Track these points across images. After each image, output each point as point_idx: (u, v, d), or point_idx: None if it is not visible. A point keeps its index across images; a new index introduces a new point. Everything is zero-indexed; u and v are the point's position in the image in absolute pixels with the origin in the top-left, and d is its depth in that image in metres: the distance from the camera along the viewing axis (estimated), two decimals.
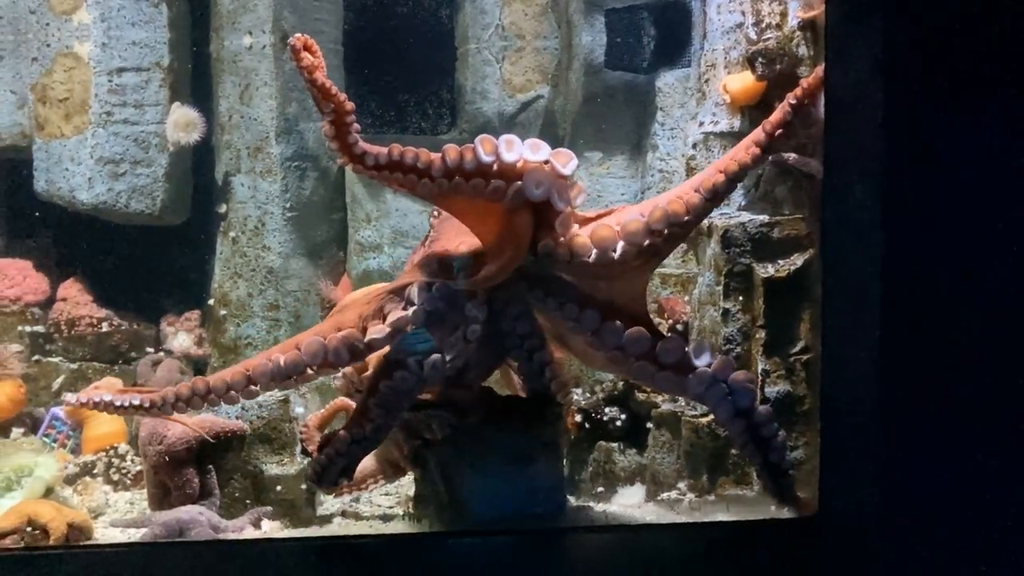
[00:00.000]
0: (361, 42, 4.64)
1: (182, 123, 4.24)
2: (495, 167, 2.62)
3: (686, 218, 2.75)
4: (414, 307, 2.78)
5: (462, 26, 4.63)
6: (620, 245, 2.71)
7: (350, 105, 2.86)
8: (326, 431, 3.45)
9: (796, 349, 3.45)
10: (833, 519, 3.00)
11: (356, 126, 2.89)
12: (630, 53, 4.46)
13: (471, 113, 4.60)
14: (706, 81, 3.80)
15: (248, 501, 3.39)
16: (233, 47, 4.40)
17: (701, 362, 2.80)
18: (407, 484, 3.48)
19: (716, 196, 2.83)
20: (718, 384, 2.80)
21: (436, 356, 2.84)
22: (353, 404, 3.46)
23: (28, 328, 4.19)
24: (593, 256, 2.70)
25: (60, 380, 4.16)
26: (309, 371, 2.68)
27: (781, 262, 3.47)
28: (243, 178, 4.47)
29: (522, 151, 2.65)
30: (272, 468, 3.39)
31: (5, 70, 4.25)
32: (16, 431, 3.92)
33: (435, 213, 3.19)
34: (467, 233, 2.85)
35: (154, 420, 3.47)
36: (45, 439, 3.98)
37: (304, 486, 3.43)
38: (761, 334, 3.44)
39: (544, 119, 4.58)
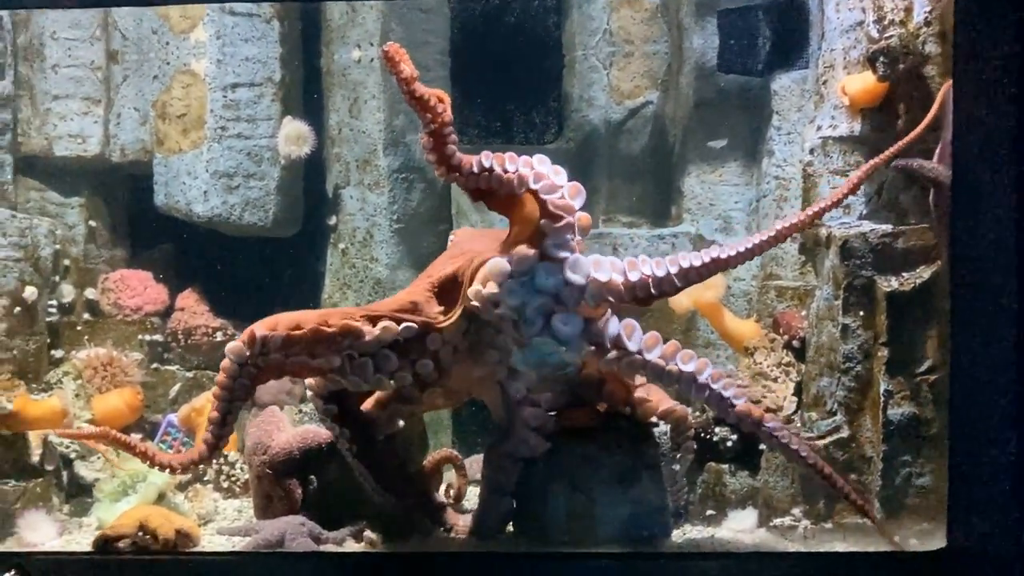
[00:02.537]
0: (468, 53, 4.61)
1: (293, 137, 4.31)
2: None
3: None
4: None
5: (569, 33, 4.54)
6: None
7: (448, 116, 2.84)
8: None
9: (922, 368, 3.22)
10: (962, 553, 2.80)
11: (453, 137, 2.86)
12: (744, 55, 4.27)
13: (577, 121, 4.51)
14: (824, 83, 3.60)
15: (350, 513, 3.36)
16: (342, 60, 4.45)
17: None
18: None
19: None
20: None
21: None
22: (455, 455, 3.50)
23: (147, 337, 4.33)
24: None
25: (176, 388, 4.28)
26: None
27: (906, 275, 3.25)
28: (352, 190, 4.51)
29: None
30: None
31: (129, 88, 4.42)
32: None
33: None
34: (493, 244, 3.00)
35: (259, 430, 3.52)
36: (161, 445, 4.10)
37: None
38: (884, 352, 3.23)
39: (653, 125, 4.45)
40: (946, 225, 2.96)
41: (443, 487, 3.54)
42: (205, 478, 3.92)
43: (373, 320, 2.91)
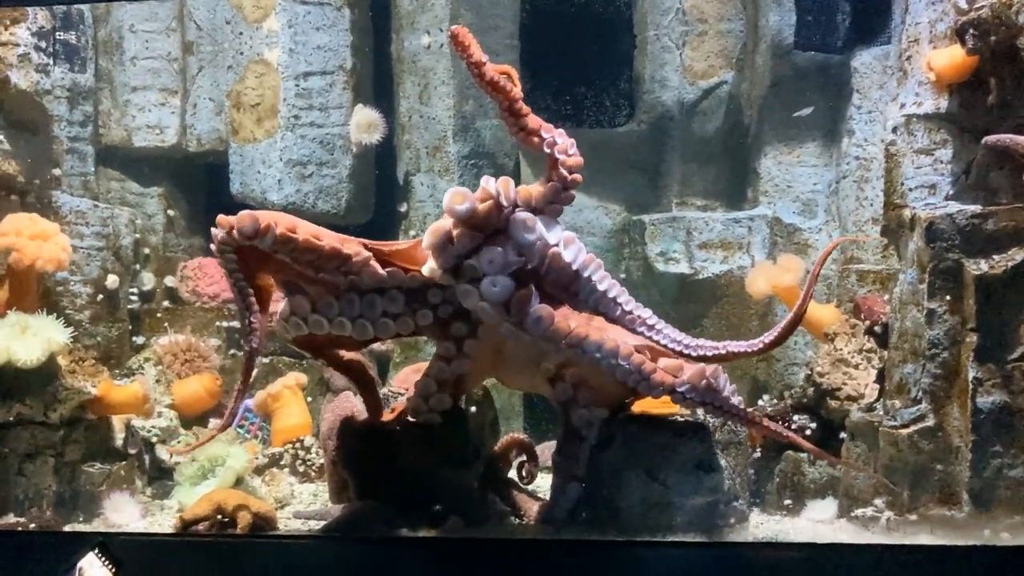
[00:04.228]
0: (537, 36, 4.57)
1: (364, 124, 4.33)
2: None
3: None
4: None
5: (640, 13, 4.46)
6: None
7: (518, 92, 2.90)
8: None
9: (1015, 355, 3.08)
10: None
11: (526, 109, 3.00)
12: (822, 32, 4.14)
13: (649, 103, 4.43)
14: (908, 58, 3.46)
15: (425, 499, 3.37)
16: (412, 47, 4.44)
17: None
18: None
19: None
20: None
21: None
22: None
23: (225, 324, 4.42)
24: None
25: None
26: None
27: (996, 257, 3.11)
28: (422, 177, 4.51)
29: None
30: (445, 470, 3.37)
31: (205, 79, 4.49)
32: (214, 421, 4.14)
33: None
34: None
35: (333, 415, 3.55)
36: (239, 430, 4.17)
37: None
38: (972, 338, 3.10)
39: (728, 106, 4.34)
40: None
41: (514, 470, 3.52)
42: (282, 463, 3.97)
43: (380, 260, 2.92)
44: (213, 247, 2.83)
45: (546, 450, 4.12)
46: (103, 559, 2.60)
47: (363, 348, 3.43)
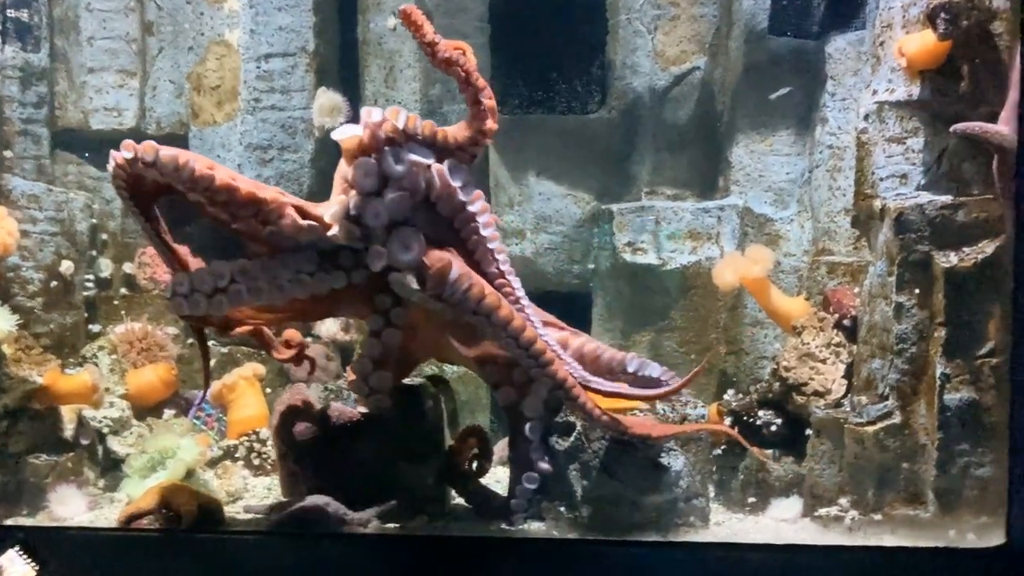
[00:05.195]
0: (508, 19, 4.45)
1: (327, 108, 4.21)
2: None
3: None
4: None
5: None
6: None
7: (473, 64, 2.86)
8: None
9: (983, 351, 2.99)
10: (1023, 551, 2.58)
11: (484, 82, 2.97)
12: (797, 16, 4.02)
13: (620, 89, 4.31)
14: (881, 44, 3.35)
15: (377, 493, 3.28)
16: (378, 29, 4.33)
17: None
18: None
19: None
20: None
21: None
22: None
23: None
24: None
25: (212, 363, 4.24)
26: None
27: (967, 250, 3.02)
28: None
29: None
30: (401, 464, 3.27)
31: (165, 61, 4.37)
32: (168, 412, 4.04)
33: None
34: None
35: (286, 407, 3.45)
36: (196, 421, 4.07)
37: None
38: (941, 332, 3.01)
39: (700, 92, 4.23)
40: (1011, 195, 2.72)
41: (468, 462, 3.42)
42: (237, 455, 3.87)
43: (300, 212, 2.83)
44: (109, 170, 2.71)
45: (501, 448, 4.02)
46: (25, 556, 2.50)
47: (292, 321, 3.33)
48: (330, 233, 2.79)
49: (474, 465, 3.40)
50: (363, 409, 3.25)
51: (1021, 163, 2.58)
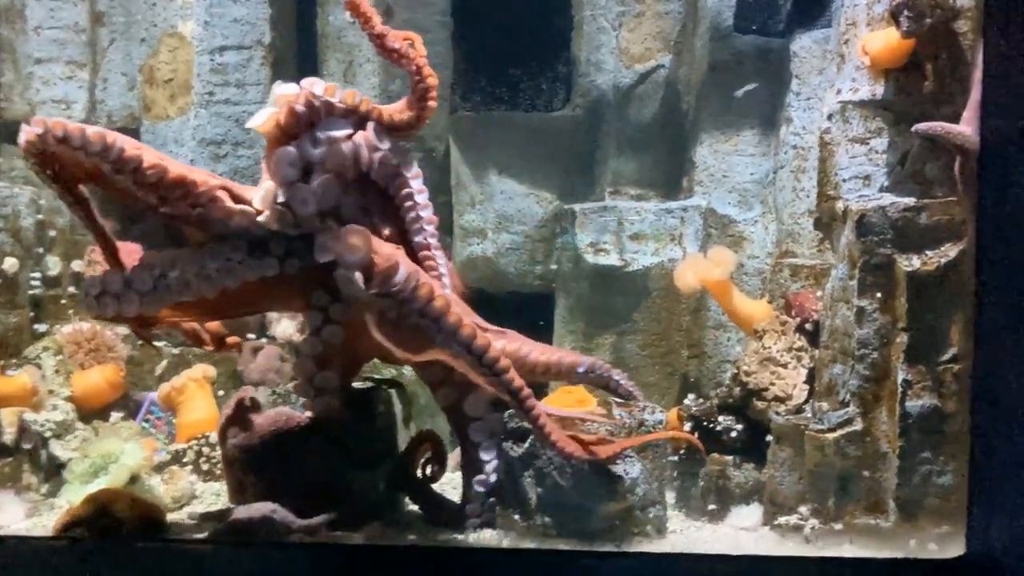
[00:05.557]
0: (471, 14, 4.35)
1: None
2: None
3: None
4: None
5: None
6: None
7: (422, 59, 2.76)
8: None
9: (945, 357, 2.93)
10: (982, 562, 2.54)
11: (431, 72, 2.86)
12: (763, 14, 3.95)
13: (585, 87, 4.22)
14: (846, 42, 3.29)
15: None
16: (337, 22, 4.22)
17: None
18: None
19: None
20: None
21: None
22: None
23: None
24: None
25: (163, 364, 4.13)
26: None
27: (929, 253, 2.95)
28: None
29: None
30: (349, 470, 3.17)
31: (117, 52, 4.25)
32: (115, 415, 3.91)
33: None
34: None
35: (231, 411, 3.34)
36: (144, 424, 3.95)
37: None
38: (903, 338, 2.95)
39: (665, 91, 4.15)
40: (973, 197, 2.65)
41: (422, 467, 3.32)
42: (185, 460, 3.76)
43: (232, 196, 2.73)
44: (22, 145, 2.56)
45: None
46: None
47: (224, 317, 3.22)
48: (260, 219, 2.69)
49: (428, 471, 3.32)
50: (311, 413, 3.15)
51: (983, 165, 2.51)
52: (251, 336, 4.25)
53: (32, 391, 3.49)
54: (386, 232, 2.91)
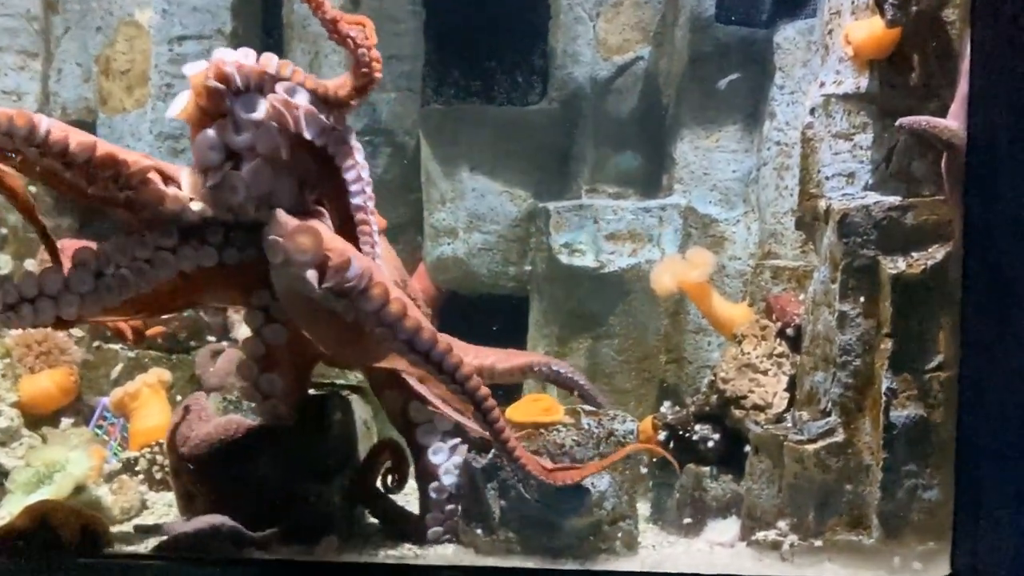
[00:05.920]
0: (444, 2, 4.18)
1: None
2: None
3: None
4: None
5: None
6: None
7: (372, 41, 2.60)
8: None
9: (932, 364, 2.77)
10: None
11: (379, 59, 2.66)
12: (746, 3, 3.79)
13: (561, 79, 4.04)
14: (830, 32, 3.13)
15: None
16: (302, 11, 4.04)
17: None
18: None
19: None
20: None
21: None
22: None
23: None
24: None
25: (119, 368, 3.95)
26: None
27: (915, 255, 2.80)
28: None
29: None
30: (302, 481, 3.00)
31: (72, 42, 4.07)
32: (66, 421, 3.74)
33: None
34: None
35: (182, 419, 3.17)
36: (97, 431, 3.78)
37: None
38: (887, 344, 2.79)
39: (644, 84, 3.97)
40: (960, 196, 2.49)
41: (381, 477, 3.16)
42: (137, 468, 3.58)
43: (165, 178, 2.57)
44: None
45: None
46: None
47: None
48: (192, 206, 2.52)
49: (388, 481, 3.16)
50: (261, 421, 2.98)
51: (970, 161, 2.35)
52: (211, 339, 4.08)
53: None
54: (323, 201, 2.73)
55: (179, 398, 3.85)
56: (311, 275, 2.54)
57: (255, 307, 2.73)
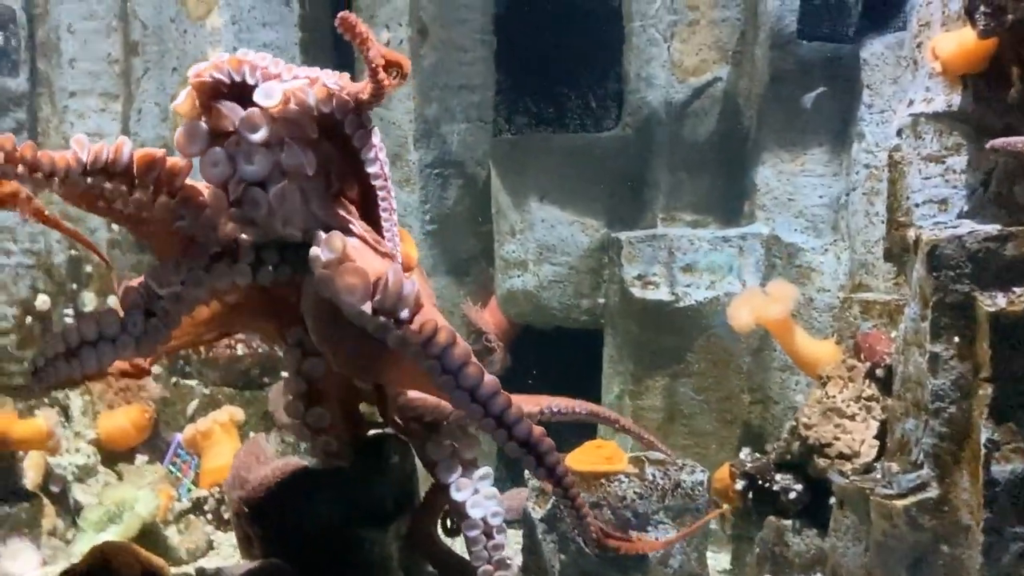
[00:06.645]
0: (514, 30, 4.08)
1: None
2: None
3: None
4: None
5: (627, 2, 3.91)
6: None
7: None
8: None
9: None
10: None
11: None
12: (831, 17, 3.54)
13: (634, 104, 3.87)
14: (918, 46, 2.86)
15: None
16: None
17: None
18: None
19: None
20: None
21: None
22: None
23: None
24: None
25: (194, 404, 3.99)
26: None
27: (1017, 291, 2.50)
28: None
29: None
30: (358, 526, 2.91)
31: (150, 82, 4.15)
32: (141, 458, 3.79)
33: None
34: None
35: (239, 462, 3.14)
36: (171, 468, 3.81)
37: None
38: (986, 390, 2.49)
39: (722, 106, 3.75)
40: None
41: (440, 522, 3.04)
42: (206, 508, 3.58)
43: None
44: None
45: (508, 499, 3.62)
46: None
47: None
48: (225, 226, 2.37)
49: (448, 525, 3.04)
50: (317, 463, 2.91)
51: None
52: (284, 374, 4.07)
53: (48, 434, 3.37)
54: (350, 193, 2.55)
55: (252, 435, 3.84)
56: (366, 308, 2.40)
57: (291, 345, 2.64)
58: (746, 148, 3.77)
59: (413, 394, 2.53)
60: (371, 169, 2.34)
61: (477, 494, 2.68)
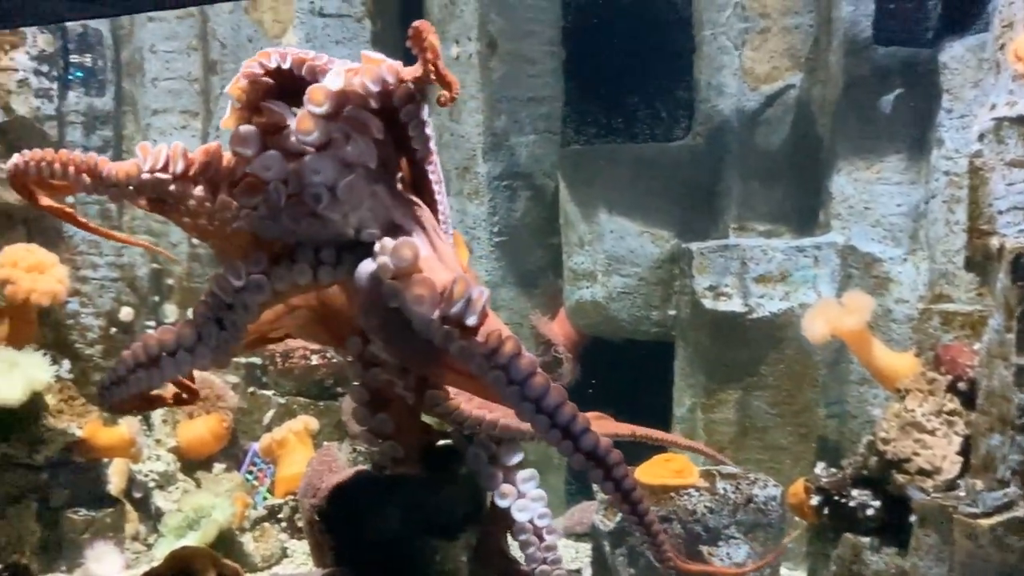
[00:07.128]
0: (582, 41, 4.08)
1: None
2: None
3: None
4: None
5: (698, 10, 3.87)
6: None
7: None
8: None
9: None
10: None
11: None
12: (908, 21, 3.44)
13: (706, 113, 3.83)
14: (1001, 48, 2.78)
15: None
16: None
17: None
18: None
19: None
20: None
21: None
22: None
23: (244, 359, 4.14)
24: None
25: (271, 414, 4.07)
26: None
27: None
28: (451, 201, 4.09)
29: None
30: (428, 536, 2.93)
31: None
32: (219, 466, 3.87)
33: None
34: None
35: (312, 470, 3.18)
36: (248, 476, 3.89)
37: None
38: None
39: (796, 113, 3.68)
40: None
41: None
42: (280, 516, 3.65)
43: None
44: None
45: (577, 512, 3.62)
46: None
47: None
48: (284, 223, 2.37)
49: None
50: (388, 472, 2.93)
51: None
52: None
53: (130, 442, 3.48)
54: (402, 171, 2.50)
55: (324, 444, 3.90)
56: (436, 316, 2.39)
57: (352, 354, 2.66)
58: (820, 156, 3.69)
59: (459, 403, 2.50)
60: (419, 146, 2.25)
61: (523, 497, 2.64)
